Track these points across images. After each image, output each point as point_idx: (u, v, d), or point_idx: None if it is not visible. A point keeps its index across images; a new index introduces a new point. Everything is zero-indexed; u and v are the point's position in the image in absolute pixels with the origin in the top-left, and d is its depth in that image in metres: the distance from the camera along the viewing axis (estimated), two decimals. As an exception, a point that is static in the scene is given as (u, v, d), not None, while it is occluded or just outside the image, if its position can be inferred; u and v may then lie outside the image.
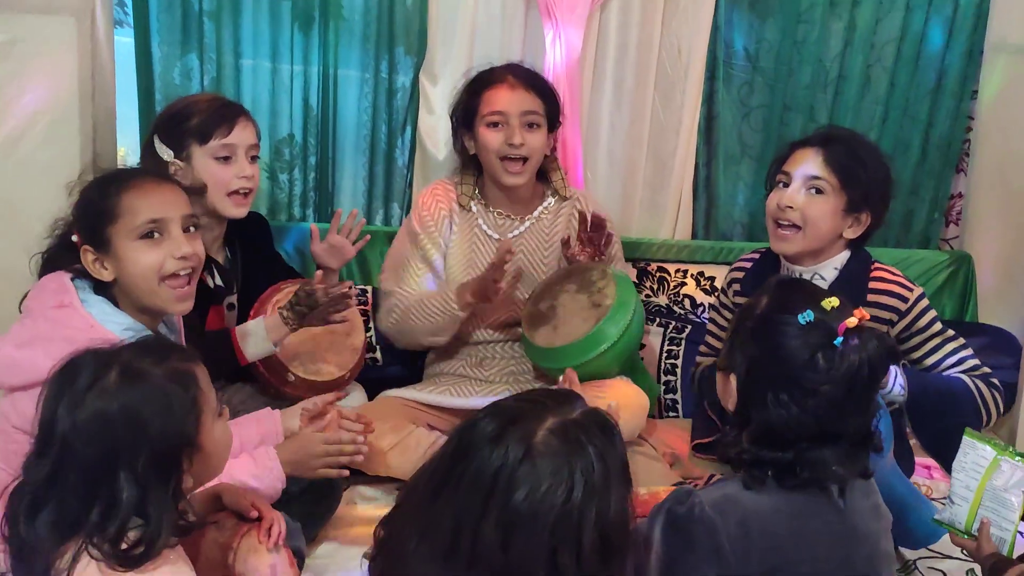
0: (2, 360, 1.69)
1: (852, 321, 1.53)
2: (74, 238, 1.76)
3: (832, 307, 1.55)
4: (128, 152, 3.25)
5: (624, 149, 3.18)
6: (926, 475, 2.63)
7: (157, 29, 2.89)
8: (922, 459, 2.59)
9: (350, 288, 2.32)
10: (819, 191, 2.24)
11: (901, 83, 3.22)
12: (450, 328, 2.56)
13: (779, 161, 2.33)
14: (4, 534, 1.34)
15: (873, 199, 2.28)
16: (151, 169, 2.20)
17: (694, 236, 3.28)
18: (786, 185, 2.28)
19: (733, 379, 1.61)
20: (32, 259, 1.88)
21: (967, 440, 1.92)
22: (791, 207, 2.24)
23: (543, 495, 1.16)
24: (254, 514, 1.71)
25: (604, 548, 1.19)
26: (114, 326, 1.72)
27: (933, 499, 2.45)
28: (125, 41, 2.92)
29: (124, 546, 1.28)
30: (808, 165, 2.25)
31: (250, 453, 1.91)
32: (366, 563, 1.29)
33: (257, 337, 2.25)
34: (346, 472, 2.08)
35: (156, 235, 1.78)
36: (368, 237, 2.63)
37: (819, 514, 1.54)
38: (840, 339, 1.51)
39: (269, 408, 2.07)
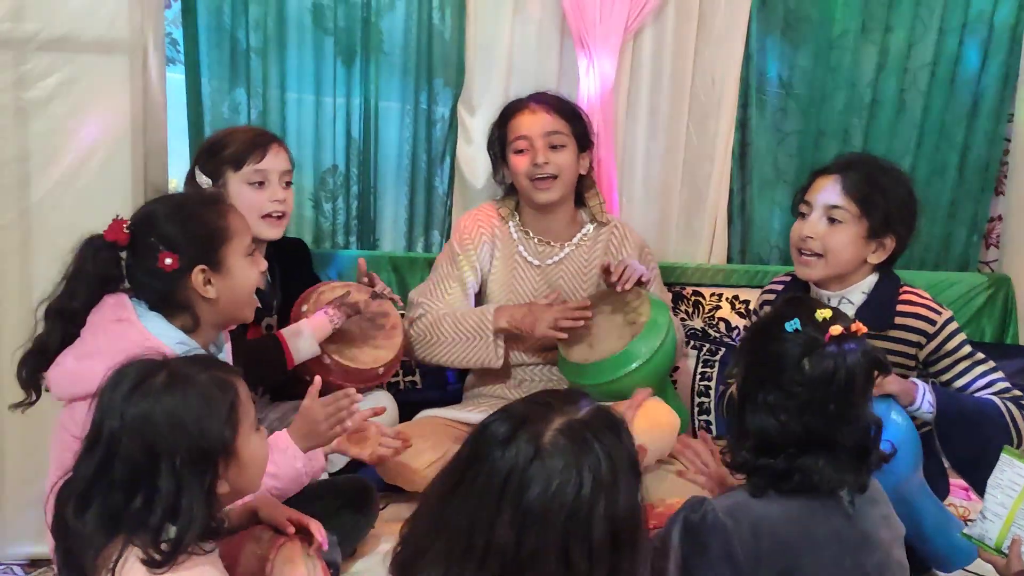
0: (63, 372, 1.79)
1: (836, 329, 1.58)
2: (168, 260, 1.82)
3: (824, 318, 1.61)
4: (179, 184, 3.37)
5: (660, 175, 3.23)
6: (964, 496, 2.63)
7: (207, 66, 3.01)
8: (958, 480, 2.58)
9: (387, 294, 2.50)
10: (838, 220, 2.26)
11: (936, 106, 3.24)
12: (478, 351, 2.61)
13: (803, 189, 2.37)
14: (53, 530, 1.43)
15: (895, 223, 2.28)
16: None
17: (729, 260, 3.32)
18: (806, 214, 2.31)
19: (734, 388, 1.69)
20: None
21: (1005, 458, 1.93)
22: (811, 237, 2.27)
23: (554, 492, 1.20)
24: (291, 529, 1.77)
25: (614, 541, 1.23)
26: (168, 340, 1.81)
27: (969, 520, 2.45)
28: (176, 78, 3.04)
29: (162, 543, 1.35)
30: (826, 193, 2.27)
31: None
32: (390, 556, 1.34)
33: (305, 337, 2.35)
34: (391, 452, 2.16)
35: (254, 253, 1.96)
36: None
37: (829, 520, 1.59)
38: (832, 347, 1.58)
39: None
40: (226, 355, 1.99)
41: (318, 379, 2.07)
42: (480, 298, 2.79)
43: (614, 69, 3.00)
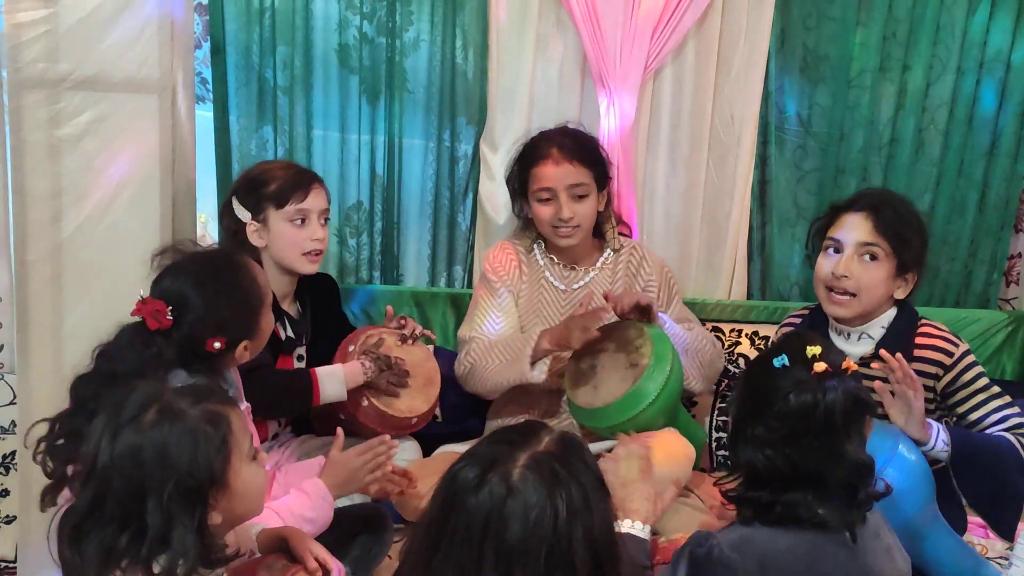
0: None
1: (821, 365, 1.60)
2: (217, 345, 1.86)
3: (813, 354, 1.62)
4: (208, 219, 3.44)
5: (680, 211, 3.26)
6: (982, 534, 2.61)
7: (235, 104, 3.08)
8: (976, 518, 2.58)
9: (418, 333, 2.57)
10: (874, 257, 2.28)
11: (955, 145, 3.26)
12: (517, 380, 2.59)
13: (823, 226, 2.38)
14: (60, 560, 1.46)
15: (919, 258, 2.33)
16: None
17: (749, 296, 3.34)
18: (836, 251, 2.33)
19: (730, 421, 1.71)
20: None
21: None
22: (846, 276, 2.28)
23: (533, 526, 1.24)
24: (313, 564, 1.77)
25: (595, 561, 1.27)
26: None
27: (989, 559, 2.44)
28: (205, 115, 3.11)
29: (155, 571, 1.38)
30: (860, 231, 2.29)
31: (300, 488, 2.00)
32: None
33: (335, 380, 2.39)
34: (397, 490, 2.17)
35: None
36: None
37: (832, 554, 1.60)
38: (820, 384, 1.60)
39: (321, 457, 2.17)
40: (236, 388, 2.02)
41: (340, 432, 2.10)
42: None
43: (634, 108, 3.04)
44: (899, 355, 2.14)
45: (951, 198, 3.30)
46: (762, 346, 3.10)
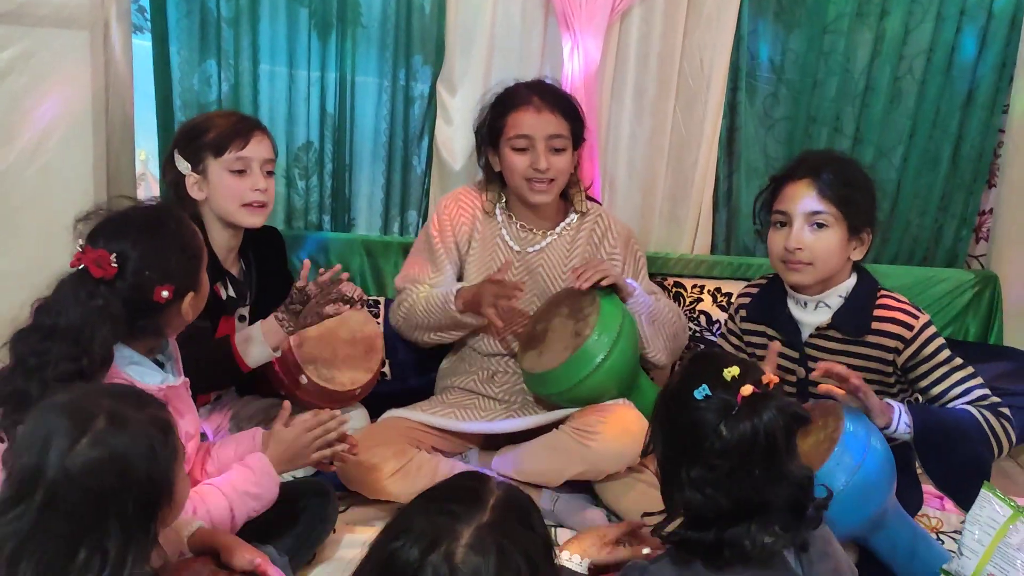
0: None
1: (747, 389, 1.46)
2: (165, 293, 1.74)
3: (732, 376, 1.48)
4: (148, 156, 3.28)
5: (644, 160, 3.14)
6: (937, 505, 2.57)
7: (176, 36, 2.90)
8: (931, 487, 2.54)
9: (339, 274, 2.29)
10: (823, 225, 2.20)
11: (931, 95, 3.15)
12: (450, 326, 2.57)
13: (768, 199, 2.29)
14: None
15: (871, 216, 2.26)
16: None
17: (714, 249, 3.24)
18: (784, 224, 2.24)
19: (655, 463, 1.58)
20: None
21: (985, 494, 1.89)
22: (800, 248, 2.20)
23: None
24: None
25: None
26: (152, 381, 1.76)
27: (943, 532, 2.41)
28: (144, 46, 2.93)
29: None
30: (805, 201, 2.20)
31: (244, 463, 1.92)
32: None
33: (256, 342, 2.26)
34: (341, 454, 2.10)
35: None
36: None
37: None
38: (738, 408, 1.45)
39: (256, 428, 2.09)
40: (174, 360, 1.91)
41: (287, 405, 2.00)
42: (459, 280, 2.71)
43: (599, 51, 2.89)
44: (832, 374, 2.04)
45: (924, 151, 3.20)
46: (724, 303, 3.02)
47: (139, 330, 1.76)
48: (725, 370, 1.49)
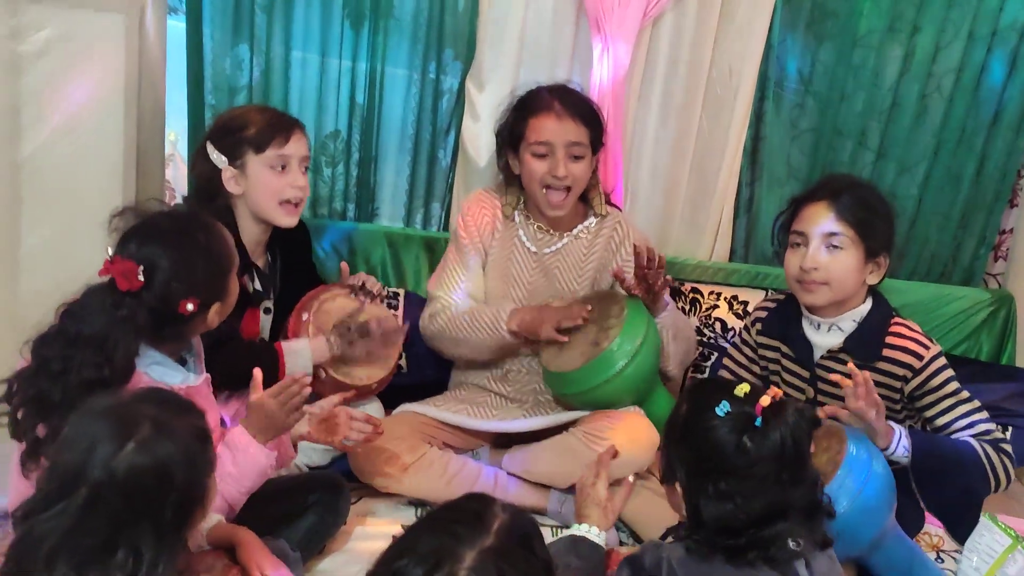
0: None
1: (765, 400, 1.56)
2: (190, 307, 1.79)
3: (744, 393, 1.58)
4: (178, 136, 3.32)
5: (668, 164, 3.15)
6: (940, 525, 2.61)
7: (210, 18, 2.91)
8: (935, 509, 2.57)
9: (404, 327, 2.43)
10: (839, 247, 2.22)
11: (957, 114, 3.16)
12: (493, 347, 2.58)
13: (787, 220, 2.33)
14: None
15: (888, 241, 2.28)
16: None
17: (732, 257, 3.26)
18: (801, 245, 2.26)
19: (678, 487, 1.64)
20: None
21: (984, 522, 1.92)
22: (815, 268, 2.22)
23: None
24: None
25: None
26: (174, 381, 1.80)
27: (943, 551, 2.44)
28: (178, 26, 2.96)
29: None
30: (823, 223, 2.23)
31: (224, 442, 1.93)
32: None
33: (302, 357, 2.32)
34: (363, 438, 2.14)
35: None
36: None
37: None
38: (759, 419, 1.54)
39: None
40: (197, 356, 1.95)
41: (258, 371, 1.98)
42: None
43: (629, 56, 2.90)
44: (863, 375, 2.07)
45: (947, 168, 3.21)
46: (740, 311, 3.03)
47: (163, 337, 1.81)
48: (737, 388, 1.60)
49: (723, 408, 1.56)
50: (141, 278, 1.72)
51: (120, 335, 1.69)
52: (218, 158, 2.37)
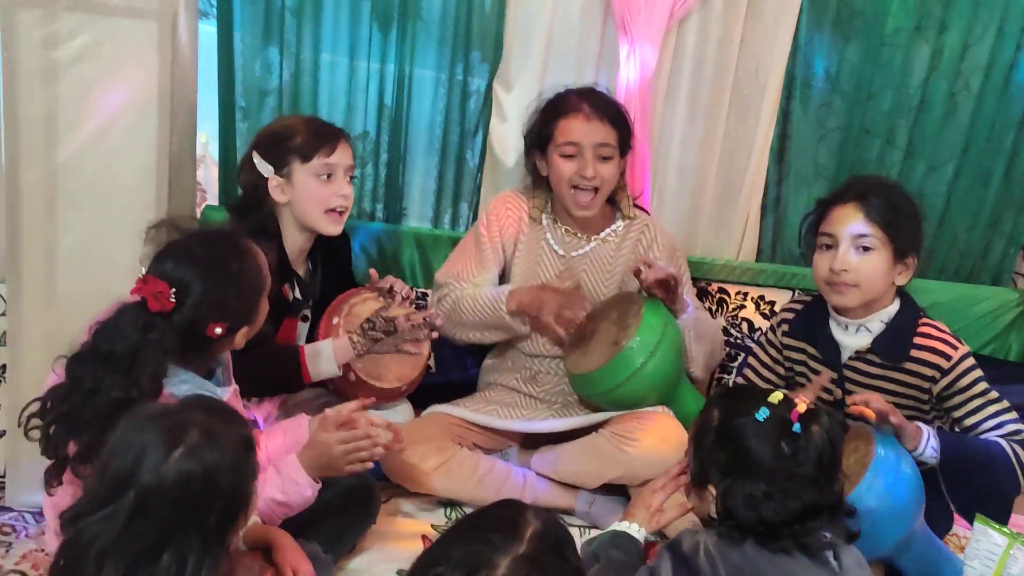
0: None
1: (802, 406, 1.63)
2: (219, 331, 1.83)
3: (779, 400, 1.65)
4: (208, 139, 3.36)
5: (695, 163, 3.15)
6: (968, 527, 2.60)
7: (240, 22, 2.95)
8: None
9: (431, 320, 2.46)
10: (868, 248, 2.23)
11: (986, 112, 3.13)
12: (498, 328, 2.61)
13: (814, 222, 2.34)
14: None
15: (916, 242, 2.29)
16: None
17: (760, 256, 3.26)
18: (830, 247, 2.27)
19: (712, 490, 1.67)
20: None
21: (979, 527, 1.93)
22: (845, 270, 2.23)
23: None
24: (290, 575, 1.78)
25: None
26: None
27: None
28: (209, 31, 3.00)
29: None
30: (852, 224, 2.24)
31: (275, 466, 1.97)
32: None
33: (325, 359, 2.35)
34: (370, 464, 2.12)
35: None
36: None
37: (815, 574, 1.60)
38: (797, 425, 1.61)
39: (302, 415, 2.16)
40: (225, 367, 1.99)
41: (328, 414, 2.03)
42: (503, 282, 2.76)
43: (655, 57, 2.91)
44: (867, 406, 2.06)
45: (976, 167, 3.18)
46: (767, 311, 3.04)
47: (190, 358, 1.84)
48: (771, 395, 1.66)
49: (763, 413, 1.62)
50: (173, 300, 1.76)
51: (149, 356, 1.72)
52: (264, 167, 2.41)
